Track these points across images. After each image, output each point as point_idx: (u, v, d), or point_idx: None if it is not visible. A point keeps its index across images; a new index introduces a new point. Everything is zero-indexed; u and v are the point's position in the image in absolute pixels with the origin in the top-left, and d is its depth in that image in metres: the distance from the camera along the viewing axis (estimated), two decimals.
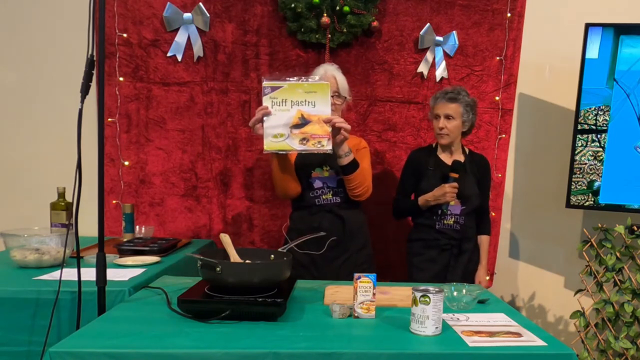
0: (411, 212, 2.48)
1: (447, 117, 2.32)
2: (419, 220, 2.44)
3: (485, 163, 2.51)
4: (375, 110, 2.88)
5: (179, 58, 2.78)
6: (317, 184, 2.24)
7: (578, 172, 2.82)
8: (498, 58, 2.90)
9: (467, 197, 2.35)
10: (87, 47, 1.51)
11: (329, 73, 2.23)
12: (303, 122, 1.86)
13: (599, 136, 2.79)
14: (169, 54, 2.77)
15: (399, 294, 1.77)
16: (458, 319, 1.55)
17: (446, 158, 2.42)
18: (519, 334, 1.43)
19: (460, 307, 1.65)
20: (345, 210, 2.25)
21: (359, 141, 2.36)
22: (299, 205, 2.30)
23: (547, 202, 3.12)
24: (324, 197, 2.24)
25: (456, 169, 2.31)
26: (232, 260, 1.67)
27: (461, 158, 2.42)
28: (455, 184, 2.28)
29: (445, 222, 2.36)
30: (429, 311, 1.38)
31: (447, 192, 2.28)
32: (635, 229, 2.69)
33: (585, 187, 2.82)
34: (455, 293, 1.68)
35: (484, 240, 2.50)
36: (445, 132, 2.33)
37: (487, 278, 2.57)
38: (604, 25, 2.73)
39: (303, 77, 1.87)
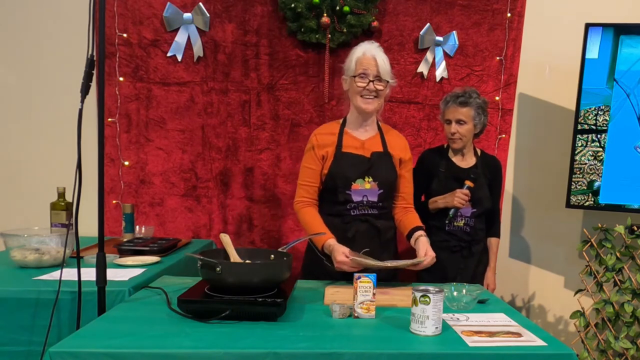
0: (420, 213, 2.45)
1: (459, 121, 2.30)
2: (429, 221, 2.41)
3: (496, 165, 2.48)
4: None
5: (179, 58, 2.78)
6: (357, 197, 1.98)
7: (578, 172, 2.82)
8: (498, 58, 2.90)
9: (478, 199, 2.34)
10: (87, 47, 1.51)
11: (368, 54, 1.94)
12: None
13: (599, 136, 2.79)
14: (169, 54, 2.77)
15: (399, 294, 1.77)
16: (458, 319, 1.55)
17: (458, 160, 2.41)
18: (519, 334, 1.43)
19: (460, 307, 1.65)
20: (381, 220, 2.05)
21: (404, 144, 2.13)
22: (330, 211, 2.03)
23: (547, 202, 3.11)
24: (360, 208, 2.02)
25: (473, 179, 2.29)
26: (232, 260, 1.67)
27: (473, 160, 2.41)
28: (467, 192, 2.27)
29: (455, 224, 2.35)
30: (429, 311, 1.38)
31: (456, 196, 2.26)
32: (635, 229, 2.69)
33: (585, 187, 2.82)
34: (455, 293, 1.68)
35: (493, 242, 2.48)
36: (457, 136, 2.31)
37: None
38: (604, 25, 2.73)
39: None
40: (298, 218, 2.05)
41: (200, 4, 2.74)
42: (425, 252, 1.91)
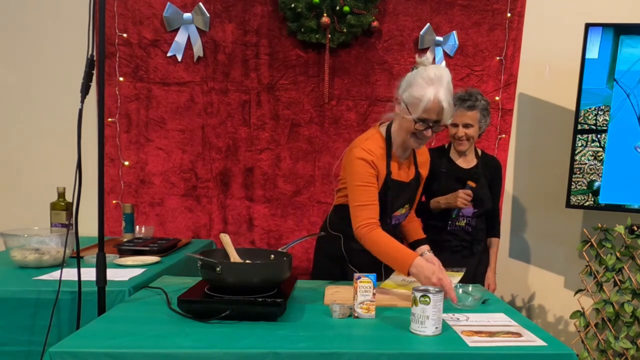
0: (421, 213, 2.45)
1: (466, 125, 2.29)
2: (430, 221, 2.40)
3: (497, 165, 2.48)
4: (376, 110, 2.88)
5: (179, 58, 2.78)
6: (394, 222, 2.01)
7: (578, 172, 2.82)
8: (498, 58, 2.90)
9: (479, 199, 2.34)
10: (87, 47, 1.51)
11: (437, 98, 1.72)
12: None
13: (599, 136, 2.79)
14: (169, 54, 2.77)
15: (399, 294, 1.77)
16: (458, 319, 1.55)
17: (459, 160, 2.40)
18: (519, 334, 1.43)
19: (465, 307, 1.65)
20: (399, 227, 2.12)
21: (427, 159, 2.09)
22: None
23: (547, 202, 3.11)
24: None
25: (475, 179, 2.29)
26: (232, 260, 1.67)
27: (474, 160, 2.40)
28: (470, 192, 2.26)
29: (457, 223, 2.35)
30: (429, 311, 1.38)
31: (459, 196, 2.25)
32: (635, 229, 2.69)
33: (585, 187, 2.82)
34: (460, 291, 1.68)
35: (493, 242, 2.48)
36: (464, 139, 2.30)
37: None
38: (604, 25, 2.73)
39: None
40: (365, 244, 1.80)
41: (200, 4, 2.74)
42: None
